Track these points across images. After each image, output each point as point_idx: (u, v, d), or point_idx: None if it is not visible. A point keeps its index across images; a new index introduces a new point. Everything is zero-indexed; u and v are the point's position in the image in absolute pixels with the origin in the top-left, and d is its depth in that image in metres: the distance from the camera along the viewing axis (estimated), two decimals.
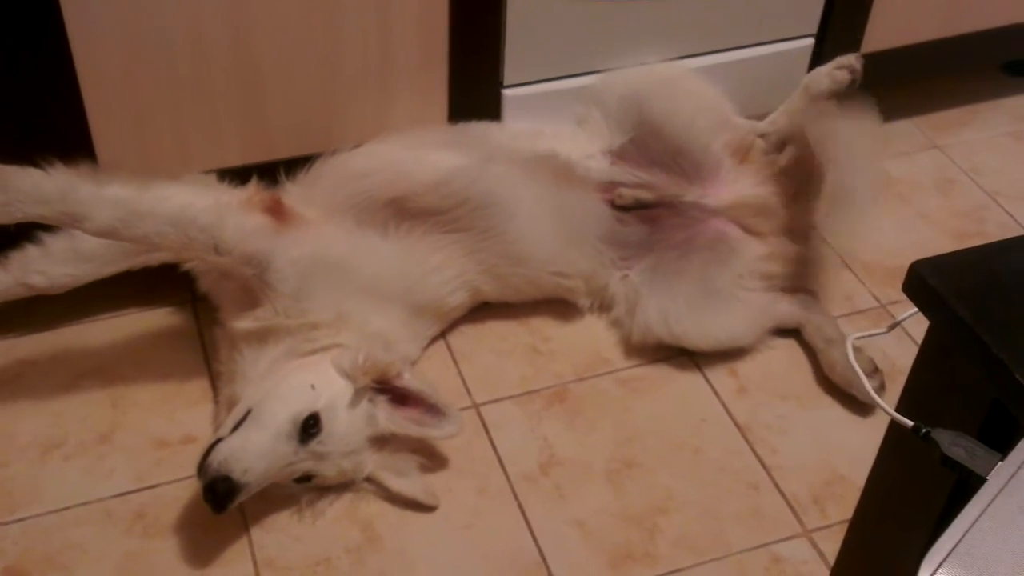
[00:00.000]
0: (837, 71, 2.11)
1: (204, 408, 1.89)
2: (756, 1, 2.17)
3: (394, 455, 1.78)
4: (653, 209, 2.04)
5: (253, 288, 1.77)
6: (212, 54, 1.81)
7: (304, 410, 1.67)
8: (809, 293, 2.09)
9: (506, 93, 2.08)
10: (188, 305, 2.04)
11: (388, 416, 1.75)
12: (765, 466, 1.85)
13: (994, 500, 0.79)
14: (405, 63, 1.95)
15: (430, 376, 1.88)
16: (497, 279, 2.00)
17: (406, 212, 1.90)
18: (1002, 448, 0.86)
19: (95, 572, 1.66)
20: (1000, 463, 0.84)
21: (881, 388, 1.91)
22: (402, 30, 1.90)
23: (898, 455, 1.11)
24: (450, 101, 2.04)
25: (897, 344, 1.97)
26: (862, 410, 1.94)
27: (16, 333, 1.98)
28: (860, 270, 2.21)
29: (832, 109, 2.08)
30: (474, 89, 2.05)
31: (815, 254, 2.15)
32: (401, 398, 1.76)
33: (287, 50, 1.85)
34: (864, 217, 2.07)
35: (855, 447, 1.86)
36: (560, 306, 2.08)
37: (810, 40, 2.26)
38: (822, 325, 2.03)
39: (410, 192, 1.90)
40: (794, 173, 2.10)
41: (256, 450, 1.62)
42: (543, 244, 1.99)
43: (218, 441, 1.64)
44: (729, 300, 2.00)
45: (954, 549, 0.76)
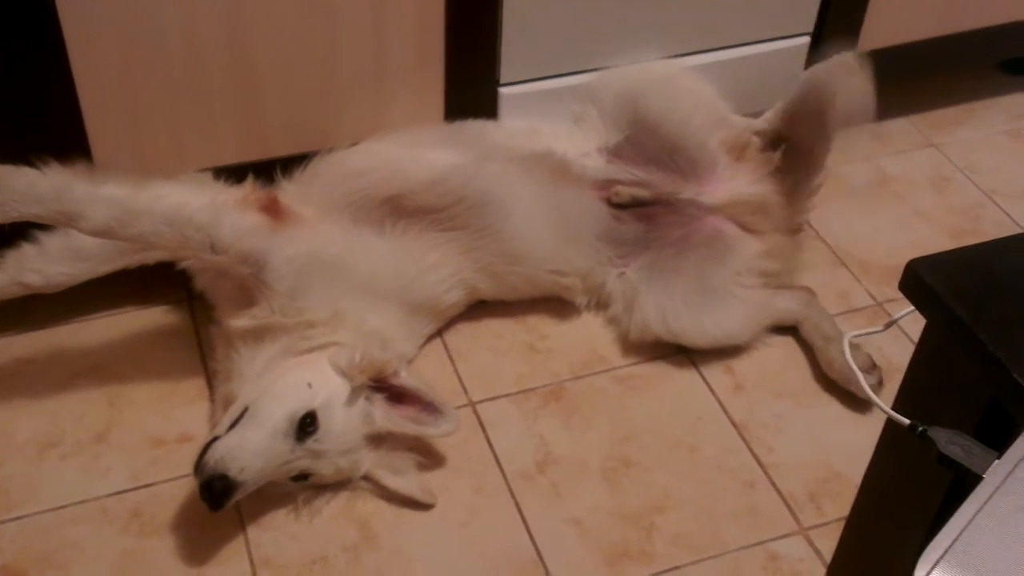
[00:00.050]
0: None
1: (200, 406, 1.89)
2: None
3: (391, 453, 1.78)
4: (650, 207, 2.04)
5: (249, 286, 1.76)
6: (208, 53, 1.81)
7: (301, 408, 1.67)
8: (806, 290, 2.10)
9: (502, 91, 2.08)
10: (184, 303, 2.04)
11: (385, 414, 1.75)
12: (761, 464, 1.85)
13: (991, 498, 0.79)
14: (401, 61, 1.95)
15: (426, 374, 1.88)
16: (494, 277, 2.00)
17: (402, 210, 1.90)
18: (999, 446, 0.86)
19: (92, 571, 1.66)
20: (997, 461, 0.84)
21: (879, 385, 1.92)
22: (398, 28, 1.90)
23: (895, 453, 1.11)
24: (446, 99, 2.03)
25: (894, 342, 1.98)
26: (859, 408, 1.94)
27: (12, 332, 1.97)
28: (856, 268, 2.21)
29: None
30: (470, 87, 2.05)
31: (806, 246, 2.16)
32: (398, 396, 1.76)
33: (283, 48, 1.85)
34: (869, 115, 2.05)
35: (852, 445, 1.85)
36: (557, 304, 2.08)
37: (806, 38, 2.26)
38: (820, 322, 2.03)
39: (406, 190, 1.90)
40: (789, 168, 2.10)
41: (253, 448, 1.62)
42: (540, 242, 1.99)
43: (215, 439, 1.64)
44: (726, 297, 2.00)
45: (951, 547, 0.76)
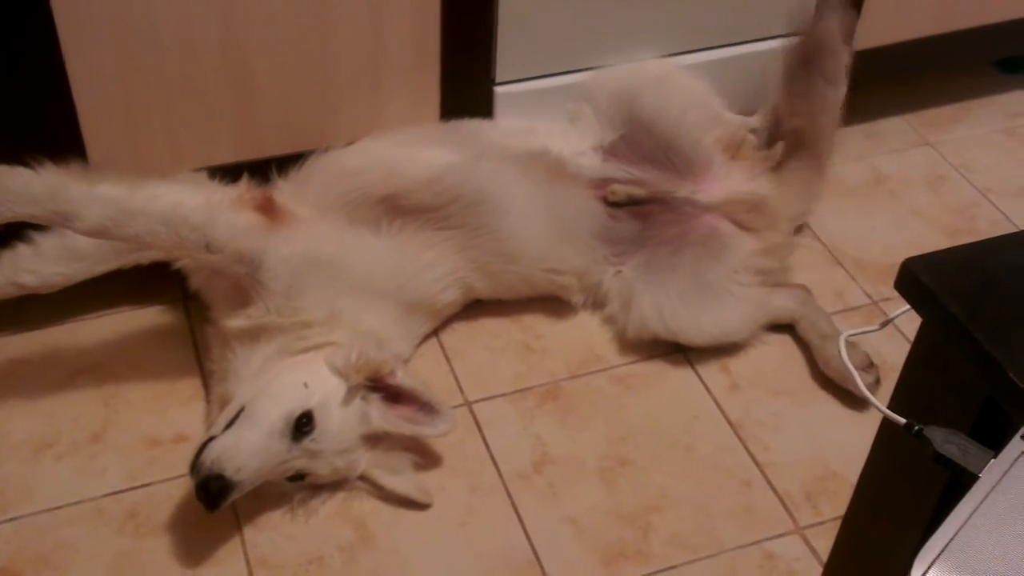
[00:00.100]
0: None
1: (196, 406, 1.89)
2: None
3: (387, 453, 1.77)
4: (645, 205, 2.04)
5: (245, 286, 1.76)
6: (203, 52, 1.80)
7: (297, 408, 1.66)
8: (803, 288, 2.09)
9: (498, 90, 2.08)
10: (180, 303, 2.04)
11: (381, 414, 1.75)
12: (758, 463, 1.85)
13: (987, 497, 0.79)
14: (397, 60, 1.94)
15: (423, 374, 1.88)
16: (490, 276, 2.00)
17: (398, 209, 1.90)
18: (995, 445, 0.86)
19: (88, 571, 1.65)
20: (993, 460, 0.84)
21: (876, 383, 1.92)
22: (394, 27, 1.90)
23: (891, 452, 1.11)
24: (442, 98, 2.03)
25: (889, 341, 1.97)
26: (855, 406, 1.94)
27: (7, 332, 1.97)
28: (852, 267, 2.21)
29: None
30: (466, 86, 2.05)
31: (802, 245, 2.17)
32: (394, 396, 1.76)
33: (278, 47, 1.85)
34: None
35: (848, 444, 1.85)
36: (553, 303, 2.08)
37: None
38: (816, 320, 2.03)
39: (402, 189, 1.90)
40: (795, 159, 2.12)
41: (249, 448, 1.62)
42: (536, 241, 1.99)
43: (211, 439, 1.64)
44: (723, 295, 2.00)
45: (947, 546, 0.76)
